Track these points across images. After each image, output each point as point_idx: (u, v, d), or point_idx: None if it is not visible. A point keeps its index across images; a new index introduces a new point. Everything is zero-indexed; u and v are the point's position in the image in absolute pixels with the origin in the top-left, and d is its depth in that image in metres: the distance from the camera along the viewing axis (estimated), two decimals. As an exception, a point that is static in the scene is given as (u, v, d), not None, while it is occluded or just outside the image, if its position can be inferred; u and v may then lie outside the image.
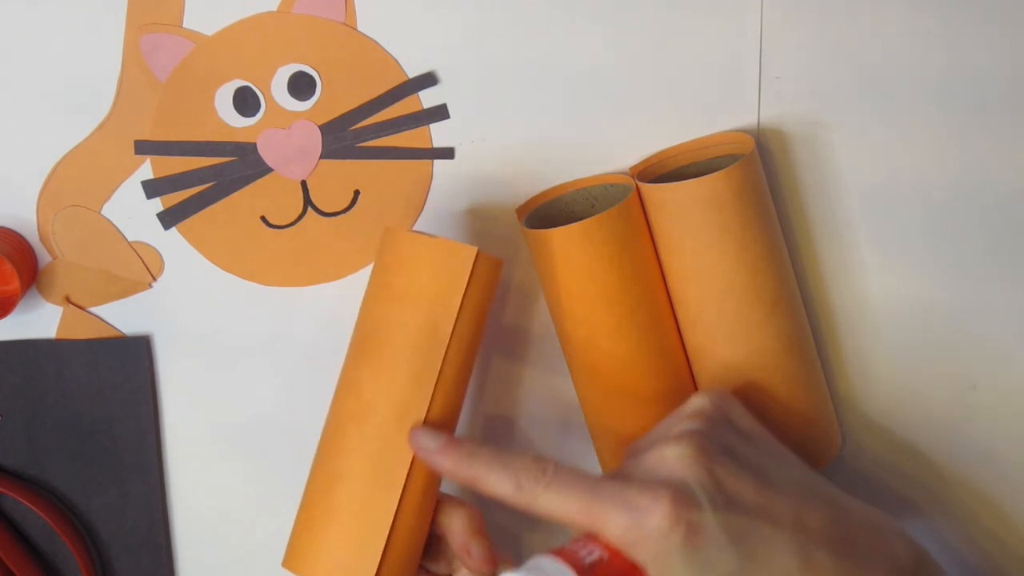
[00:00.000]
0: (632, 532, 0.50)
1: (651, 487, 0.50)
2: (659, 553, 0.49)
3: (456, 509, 0.59)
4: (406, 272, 0.58)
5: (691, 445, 0.52)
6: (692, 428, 0.54)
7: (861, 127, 0.64)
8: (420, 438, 0.56)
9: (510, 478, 0.52)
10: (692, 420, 0.55)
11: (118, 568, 0.69)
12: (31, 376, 0.66)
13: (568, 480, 0.52)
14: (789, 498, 0.52)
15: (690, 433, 0.53)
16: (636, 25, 0.63)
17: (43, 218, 0.65)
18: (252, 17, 0.63)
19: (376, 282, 0.59)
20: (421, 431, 0.56)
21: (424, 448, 0.56)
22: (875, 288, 0.66)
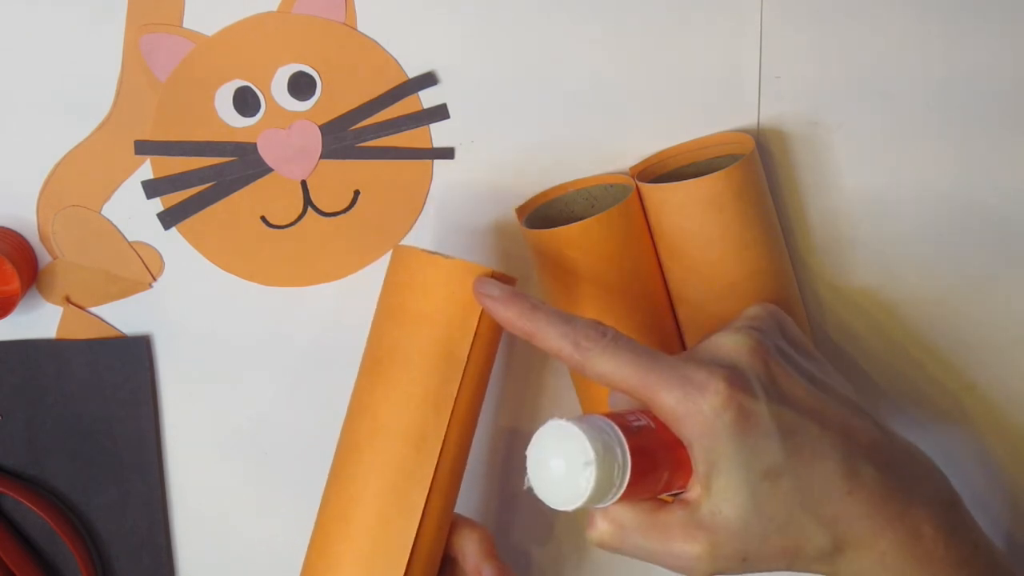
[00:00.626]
0: (683, 406, 0.49)
1: (707, 365, 0.50)
2: (707, 432, 0.49)
3: (469, 532, 0.59)
4: (421, 293, 0.57)
5: (749, 336, 0.52)
6: (751, 326, 0.54)
7: (861, 127, 0.64)
8: (485, 286, 0.54)
9: (569, 336, 0.52)
10: (750, 321, 0.55)
11: (118, 568, 0.69)
12: (31, 376, 0.66)
13: (626, 347, 0.51)
14: (840, 408, 0.52)
15: (748, 328, 0.53)
16: (636, 25, 0.63)
17: (43, 218, 0.65)
18: (252, 17, 0.63)
19: (389, 302, 0.58)
20: (486, 280, 0.55)
21: (488, 295, 0.54)
22: (875, 288, 0.66)
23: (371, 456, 0.57)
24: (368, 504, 0.57)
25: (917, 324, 0.67)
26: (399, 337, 0.57)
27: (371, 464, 0.57)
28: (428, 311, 0.57)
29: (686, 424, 0.49)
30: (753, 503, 0.49)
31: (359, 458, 0.58)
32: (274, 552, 0.69)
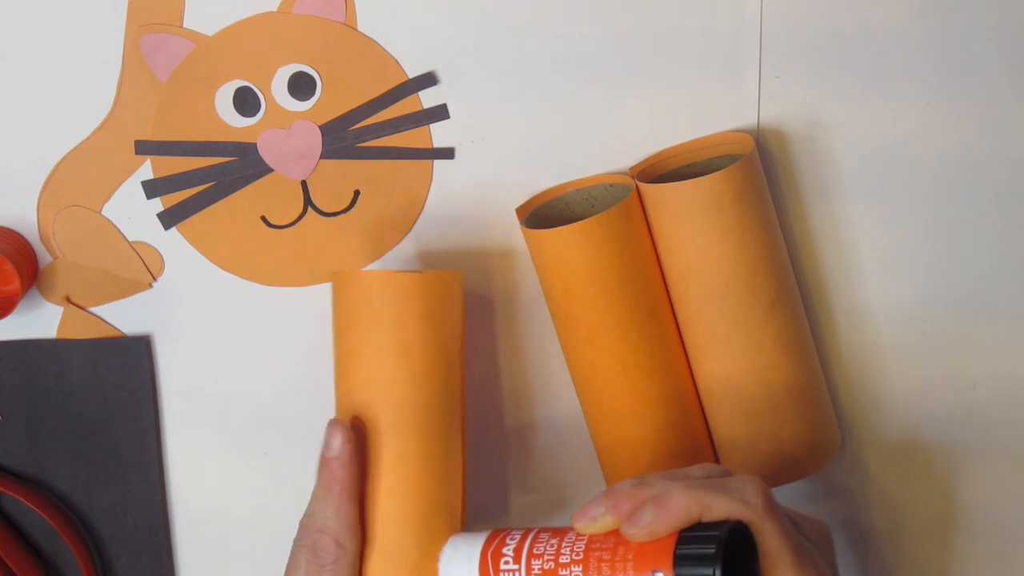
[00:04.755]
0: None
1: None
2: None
3: None
4: (403, 313, 0.57)
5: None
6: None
7: (861, 127, 0.64)
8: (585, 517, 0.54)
9: (736, 496, 0.52)
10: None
11: (118, 568, 0.69)
12: (31, 376, 0.66)
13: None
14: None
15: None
16: (636, 25, 0.63)
17: (43, 218, 0.65)
18: (252, 17, 0.63)
19: (370, 329, 0.58)
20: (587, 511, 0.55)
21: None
22: (875, 288, 0.66)
23: (400, 482, 0.57)
24: (415, 522, 0.57)
25: (917, 323, 0.67)
26: (396, 363, 0.57)
27: (404, 490, 0.57)
28: (418, 328, 0.57)
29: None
30: None
31: (394, 480, 0.58)
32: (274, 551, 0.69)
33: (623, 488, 0.53)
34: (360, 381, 0.58)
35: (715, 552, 0.48)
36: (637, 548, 0.50)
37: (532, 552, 0.53)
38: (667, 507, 0.50)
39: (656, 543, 0.50)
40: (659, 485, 0.52)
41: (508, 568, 0.53)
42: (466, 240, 0.65)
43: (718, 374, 0.62)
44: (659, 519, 0.50)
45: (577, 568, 0.51)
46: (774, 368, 0.62)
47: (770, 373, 0.61)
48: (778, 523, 0.51)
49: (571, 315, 0.62)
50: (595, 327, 0.61)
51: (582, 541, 0.52)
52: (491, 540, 0.55)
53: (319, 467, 0.58)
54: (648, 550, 0.50)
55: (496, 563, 0.53)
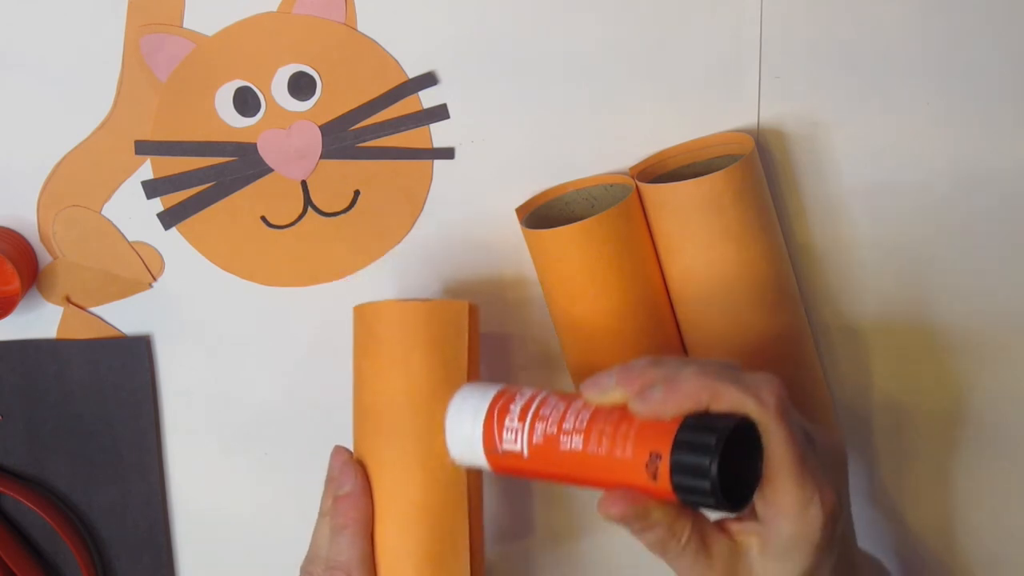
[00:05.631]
0: (799, 504, 0.50)
1: (823, 476, 0.51)
2: (801, 531, 0.50)
3: None
4: (406, 340, 0.58)
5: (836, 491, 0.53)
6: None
7: (861, 127, 0.64)
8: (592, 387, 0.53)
9: (751, 392, 0.51)
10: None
11: (118, 568, 0.69)
12: (31, 376, 0.66)
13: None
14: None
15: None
16: (636, 24, 0.63)
17: (43, 218, 0.65)
18: (252, 17, 0.63)
19: (378, 357, 0.58)
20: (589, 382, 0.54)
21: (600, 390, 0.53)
22: (875, 288, 0.66)
23: (405, 510, 0.57)
24: (419, 552, 0.57)
25: (917, 322, 0.67)
26: (399, 390, 0.58)
27: (410, 519, 0.57)
28: (420, 356, 0.57)
29: (791, 514, 0.50)
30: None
31: (398, 508, 0.58)
32: (274, 551, 0.69)
33: (638, 364, 0.52)
34: (367, 408, 0.59)
35: (715, 443, 0.47)
36: (640, 426, 0.49)
37: (538, 414, 0.52)
38: (677, 388, 0.49)
39: (659, 425, 0.49)
40: (674, 367, 0.51)
41: (512, 426, 0.53)
42: (466, 240, 0.65)
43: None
44: (667, 399, 0.49)
45: (578, 437, 0.51)
46: (773, 368, 0.61)
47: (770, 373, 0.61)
48: (787, 428, 0.49)
49: (571, 315, 0.62)
50: (595, 327, 0.61)
51: (588, 411, 0.51)
52: (500, 396, 0.54)
53: (333, 504, 0.58)
54: (650, 430, 0.49)
55: (501, 419, 0.53)
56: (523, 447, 0.52)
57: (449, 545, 0.57)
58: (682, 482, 0.48)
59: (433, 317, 0.58)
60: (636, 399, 0.50)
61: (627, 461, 0.49)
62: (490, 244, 0.65)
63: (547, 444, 0.51)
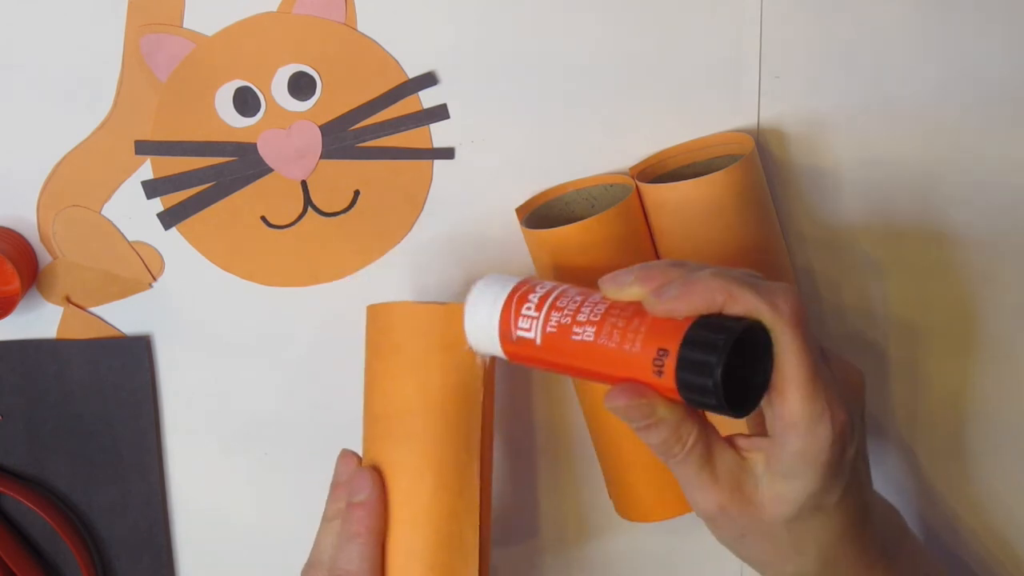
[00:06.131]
0: (812, 415, 0.49)
1: (839, 397, 0.50)
2: (811, 450, 0.49)
3: None
4: (422, 343, 0.57)
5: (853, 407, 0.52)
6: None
7: (861, 127, 0.64)
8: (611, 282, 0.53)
9: (765, 298, 0.50)
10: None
11: (118, 568, 0.69)
12: (31, 376, 0.66)
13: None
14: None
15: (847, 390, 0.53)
16: (636, 25, 0.63)
17: (43, 218, 0.65)
18: (252, 17, 0.63)
19: (392, 360, 0.58)
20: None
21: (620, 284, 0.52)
22: (874, 288, 0.66)
23: (415, 513, 0.57)
24: (428, 558, 0.57)
25: (917, 322, 0.67)
26: (412, 394, 0.57)
27: (419, 522, 0.57)
28: (435, 360, 0.57)
29: (799, 428, 0.49)
30: (792, 522, 0.51)
31: (407, 514, 0.58)
32: (274, 552, 0.69)
33: (658, 264, 0.51)
34: (379, 411, 0.59)
35: (723, 342, 0.47)
36: (652, 322, 0.49)
37: (555, 304, 0.52)
38: (693, 287, 0.49)
39: (671, 322, 0.49)
40: (693, 268, 0.50)
41: (528, 314, 0.53)
42: (466, 240, 0.65)
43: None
44: (682, 296, 0.49)
45: (591, 328, 0.50)
46: (774, 368, 0.61)
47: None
48: (801, 338, 0.48)
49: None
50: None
51: (603, 305, 0.51)
52: (520, 285, 0.54)
53: (346, 511, 0.57)
54: (661, 326, 0.49)
55: (519, 307, 0.53)
56: (536, 335, 0.52)
57: (458, 552, 0.57)
58: (686, 378, 0.48)
59: (451, 320, 0.57)
60: (651, 295, 0.50)
61: (635, 355, 0.49)
62: (490, 244, 0.65)
63: (560, 333, 0.51)
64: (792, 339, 0.48)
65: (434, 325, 0.57)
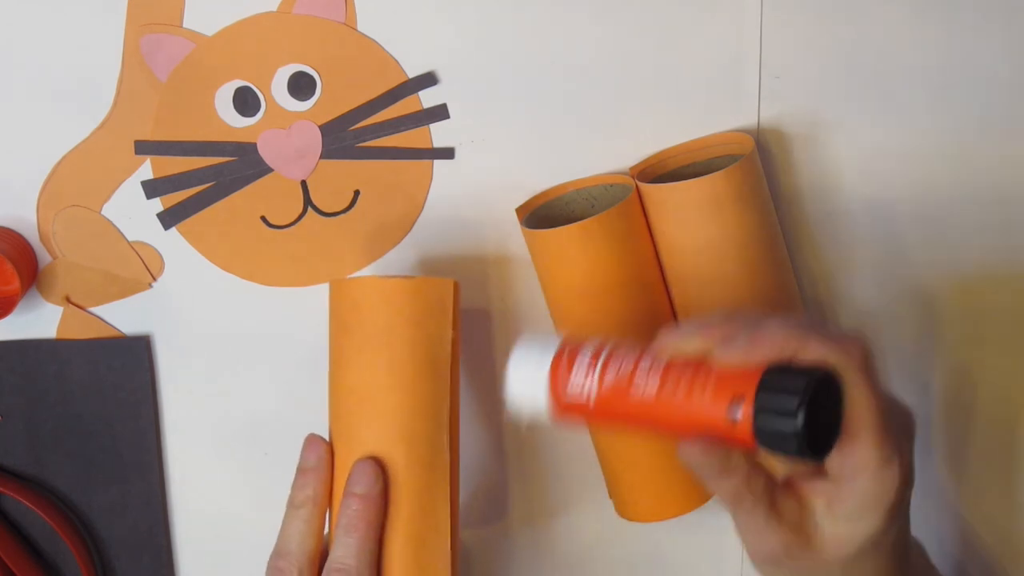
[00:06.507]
0: (880, 460, 0.49)
1: (901, 441, 0.50)
2: (877, 494, 0.50)
3: None
4: (391, 318, 0.57)
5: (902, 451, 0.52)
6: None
7: (861, 127, 0.64)
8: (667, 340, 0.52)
9: (837, 348, 0.49)
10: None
11: (118, 568, 0.69)
12: (31, 376, 0.66)
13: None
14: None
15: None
16: (636, 25, 0.63)
17: (43, 218, 0.65)
18: (252, 17, 0.63)
19: (360, 335, 0.58)
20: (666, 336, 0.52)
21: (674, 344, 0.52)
22: (874, 288, 0.66)
23: (389, 488, 0.57)
24: (403, 531, 0.57)
25: (917, 322, 0.67)
26: (382, 368, 0.57)
27: (392, 497, 0.57)
28: (405, 334, 0.57)
29: (870, 472, 0.49)
30: (850, 562, 0.51)
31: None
32: (274, 552, 0.69)
33: (715, 317, 0.51)
34: (348, 387, 0.59)
35: (804, 386, 0.46)
36: (720, 373, 0.48)
37: (609, 361, 0.51)
38: (763, 336, 0.48)
39: (741, 371, 0.48)
40: (756, 318, 0.50)
41: (580, 372, 0.51)
42: (466, 240, 0.65)
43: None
44: (753, 346, 0.48)
45: (654, 381, 0.50)
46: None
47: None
48: (873, 385, 0.48)
49: (571, 315, 0.62)
50: (596, 326, 0.61)
51: (663, 359, 0.50)
52: (568, 342, 0.53)
53: (343, 503, 0.57)
54: (731, 375, 0.48)
55: (570, 364, 0.52)
56: (590, 393, 0.51)
57: (432, 525, 0.57)
58: (765, 425, 0.47)
59: (419, 294, 0.57)
60: (720, 346, 0.49)
61: (706, 405, 0.48)
62: (490, 244, 0.65)
63: (618, 387, 0.50)
64: (865, 386, 0.48)
65: (404, 299, 0.57)
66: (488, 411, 0.67)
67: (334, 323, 0.59)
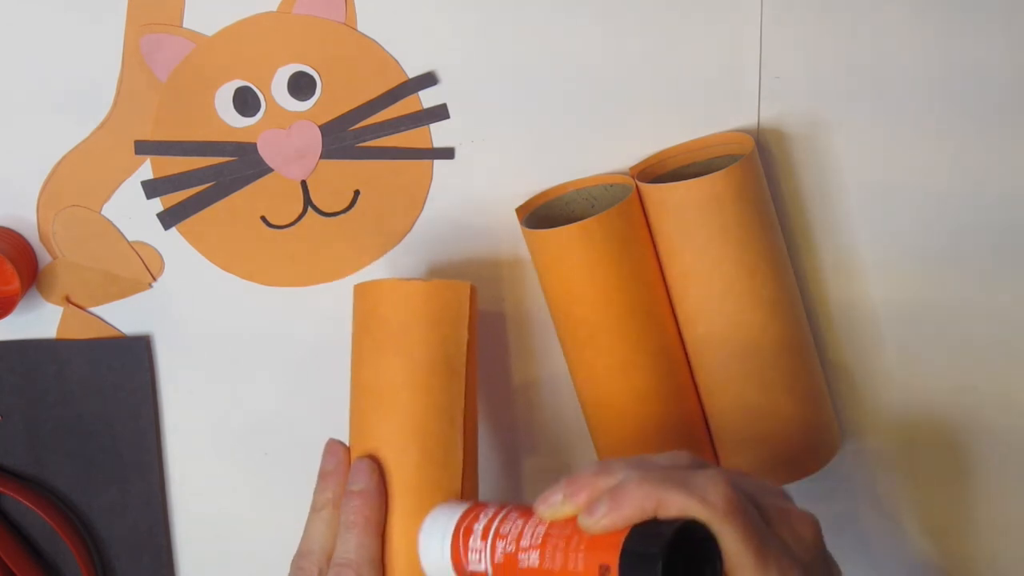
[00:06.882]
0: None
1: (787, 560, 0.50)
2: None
3: None
4: (408, 319, 0.58)
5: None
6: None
7: (861, 127, 0.64)
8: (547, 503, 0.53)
9: (696, 494, 0.50)
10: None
11: (118, 568, 0.69)
12: (31, 376, 0.66)
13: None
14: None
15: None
16: (636, 25, 0.63)
17: (43, 218, 0.65)
18: (252, 17, 0.63)
19: (379, 336, 0.59)
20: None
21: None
22: (874, 288, 0.66)
23: (399, 485, 0.58)
24: (412, 528, 0.57)
25: (917, 324, 0.67)
26: (398, 368, 0.58)
27: (402, 494, 0.58)
28: (421, 335, 0.58)
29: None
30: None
31: (394, 488, 0.58)
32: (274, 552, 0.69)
33: (583, 477, 0.52)
34: (364, 385, 0.59)
35: (658, 552, 0.47)
36: (590, 539, 0.50)
37: (498, 532, 0.53)
38: (620, 501, 0.49)
39: (608, 536, 0.49)
40: (620, 475, 0.51)
41: (475, 547, 0.53)
42: (466, 240, 0.65)
43: (717, 374, 0.62)
44: (612, 512, 0.49)
45: (535, 553, 0.51)
46: (773, 368, 0.61)
47: (769, 373, 0.61)
48: (739, 525, 0.49)
49: (571, 315, 0.62)
50: (595, 327, 0.61)
51: (543, 526, 0.52)
52: (465, 516, 0.55)
53: (344, 500, 0.57)
54: (599, 542, 0.49)
55: (467, 540, 0.54)
56: (487, 566, 0.53)
57: None
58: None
59: (434, 296, 0.58)
60: (584, 516, 0.50)
61: (580, 575, 0.50)
62: (490, 244, 0.65)
63: (507, 562, 0.52)
64: (731, 529, 0.48)
65: (419, 300, 0.58)
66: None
67: (355, 324, 0.60)
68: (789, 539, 0.51)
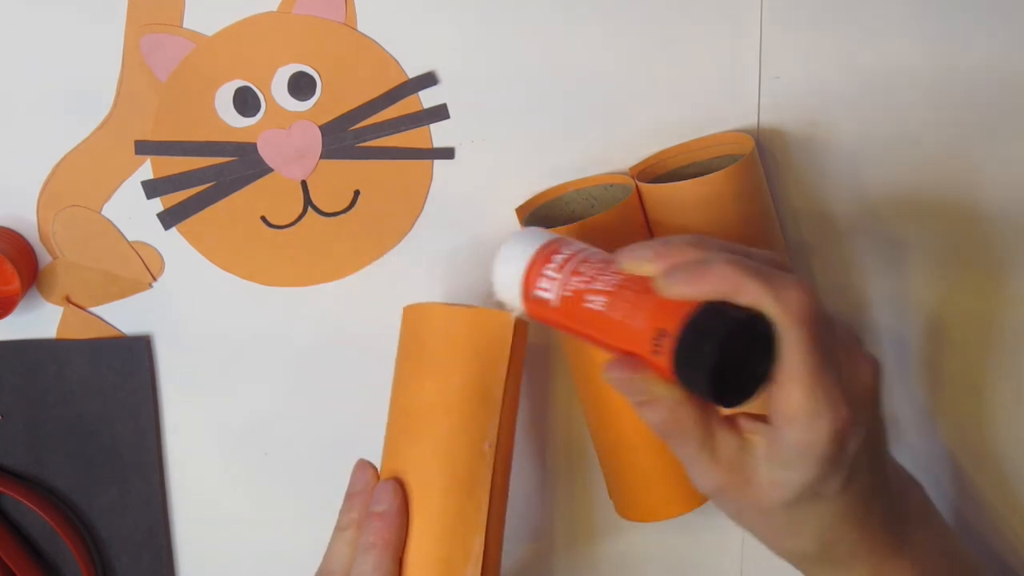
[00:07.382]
0: (812, 407, 0.48)
1: (842, 395, 0.49)
2: (809, 441, 0.49)
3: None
4: (447, 345, 0.58)
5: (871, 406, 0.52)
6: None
7: (861, 127, 0.64)
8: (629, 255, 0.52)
9: (771, 288, 0.49)
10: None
11: (118, 568, 0.69)
12: (31, 376, 0.66)
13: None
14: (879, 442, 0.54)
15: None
16: (636, 25, 0.63)
17: (43, 218, 0.65)
18: (252, 17, 0.63)
19: (418, 359, 0.59)
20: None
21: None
22: (875, 288, 0.66)
23: (423, 509, 0.57)
24: (430, 553, 0.57)
25: (917, 324, 0.67)
26: (433, 392, 0.58)
27: (425, 518, 0.57)
28: (458, 362, 0.58)
29: (796, 422, 0.49)
30: (790, 506, 0.51)
31: (418, 513, 0.58)
32: (274, 552, 0.69)
33: (676, 241, 0.51)
34: (400, 406, 0.59)
35: (721, 331, 0.46)
36: (659, 302, 0.49)
37: (576, 268, 0.52)
38: (702, 274, 0.48)
39: (678, 304, 0.48)
40: (710, 252, 0.50)
41: (549, 274, 0.53)
42: (466, 240, 0.65)
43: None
44: (690, 282, 0.48)
45: (603, 298, 0.51)
46: (774, 368, 0.61)
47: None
48: (806, 334, 0.47)
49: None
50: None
51: (620, 276, 0.51)
52: (550, 244, 0.54)
53: (366, 521, 0.57)
54: (666, 308, 0.49)
55: (543, 266, 0.53)
56: (555, 296, 0.52)
57: (461, 550, 0.57)
58: (681, 363, 0.47)
59: (477, 325, 0.58)
60: (662, 277, 0.49)
61: (637, 331, 0.49)
62: (490, 244, 0.65)
63: (575, 298, 0.52)
64: (796, 334, 0.48)
65: (461, 328, 0.58)
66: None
67: (399, 344, 0.60)
68: (848, 373, 0.51)
